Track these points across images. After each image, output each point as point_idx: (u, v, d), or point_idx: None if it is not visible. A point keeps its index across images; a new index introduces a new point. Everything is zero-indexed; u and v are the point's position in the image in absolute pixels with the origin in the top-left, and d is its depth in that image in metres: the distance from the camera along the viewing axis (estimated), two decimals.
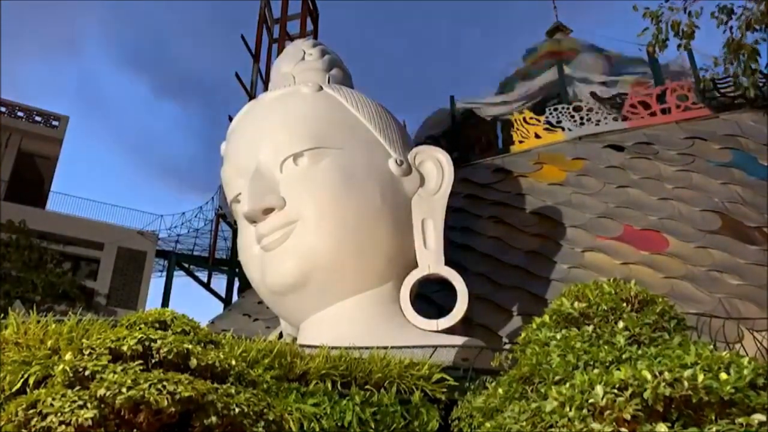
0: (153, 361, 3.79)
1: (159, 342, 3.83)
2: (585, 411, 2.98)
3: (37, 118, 27.87)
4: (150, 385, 3.37)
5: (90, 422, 3.28)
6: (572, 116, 14.09)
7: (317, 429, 5.03)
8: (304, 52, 10.83)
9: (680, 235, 10.52)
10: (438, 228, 9.20)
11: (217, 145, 10.33)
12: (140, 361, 3.70)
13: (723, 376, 3.01)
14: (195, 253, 27.83)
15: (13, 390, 4.07)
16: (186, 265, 27.73)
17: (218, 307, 25.78)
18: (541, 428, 3.19)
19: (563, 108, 14.50)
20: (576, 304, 4.53)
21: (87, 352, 3.78)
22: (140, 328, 4.10)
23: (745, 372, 3.04)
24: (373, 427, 5.41)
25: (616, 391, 3.00)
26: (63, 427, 3.24)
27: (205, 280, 27.47)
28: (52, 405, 3.34)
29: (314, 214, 8.69)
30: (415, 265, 9.03)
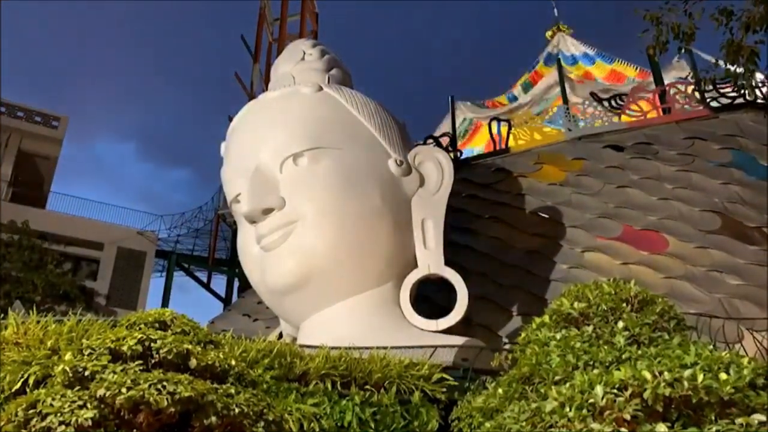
0: (153, 361, 3.79)
1: (159, 342, 3.83)
2: (585, 411, 2.99)
3: (37, 118, 27.86)
4: (150, 386, 3.37)
5: (90, 422, 3.28)
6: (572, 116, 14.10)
7: (317, 429, 5.03)
8: (304, 52, 10.83)
9: (680, 235, 10.51)
10: (438, 228, 9.20)
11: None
12: (140, 362, 3.70)
13: (723, 376, 3.01)
14: (195, 253, 27.85)
15: (13, 390, 4.08)
16: (186, 265, 27.73)
17: (218, 307, 25.81)
18: (541, 428, 3.19)
19: (563, 108, 14.50)
20: (576, 304, 4.53)
21: (87, 353, 3.78)
22: (140, 329, 4.09)
23: (745, 372, 3.05)
24: (373, 427, 5.41)
25: (615, 391, 3.00)
26: (63, 427, 3.24)
27: (205, 280, 27.47)
28: (51, 405, 3.34)
29: (314, 214, 8.69)
30: (415, 266, 9.03)
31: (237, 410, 3.60)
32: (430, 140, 13.84)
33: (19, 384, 4.11)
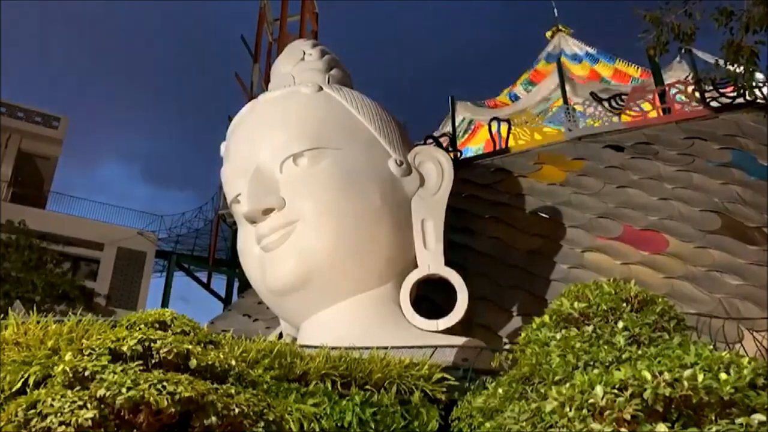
0: (153, 361, 3.79)
1: (159, 342, 3.83)
2: (585, 411, 2.98)
3: (37, 119, 27.86)
4: (150, 386, 3.36)
5: (90, 423, 3.27)
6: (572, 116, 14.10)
7: (317, 429, 5.03)
8: (304, 53, 10.82)
9: (680, 235, 10.51)
10: (438, 228, 9.20)
11: None
12: (140, 362, 3.70)
13: (723, 376, 3.01)
14: (195, 253, 27.82)
15: (13, 390, 4.07)
16: (186, 266, 27.70)
17: (218, 308, 25.80)
18: (541, 428, 3.19)
19: (563, 108, 14.51)
20: (576, 304, 4.53)
21: (87, 353, 3.78)
22: (140, 329, 4.09)
23: (745, 372, 3.04)
24: (373, 427, 5.41)
25: (616, 391, 3.00)
26: (63, 427, 3.24)
27: (205, 280, 27.44)
28: (52, 405, 3.34)
29: (314, 214, 8.69)
30: (415, 266, 9.02)
31: (237, 410, 3.60)
32: (430, 140, 13.85)
33: (19, 384, 4.10)
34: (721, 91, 13.14)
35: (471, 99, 26.85)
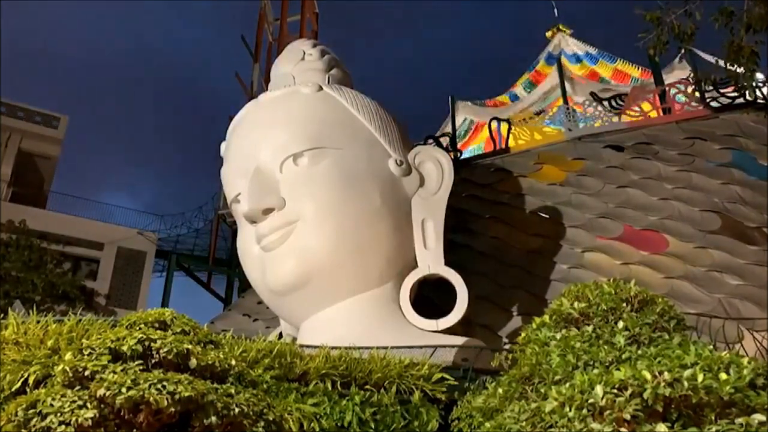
0: (153, 361, 3.80)
1: (159, 342, 3.83)
2: (585, 411, 2.99)
3: (37, 118, 27.86)
4: (150, 385, 3.37)
5: (90, 422, 3.28)
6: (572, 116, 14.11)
7: (317, 429, 5.03)
8: (304, 52, 10.82)
9: (680, 235, 10.51)
10: (438, 228, 9.20)
11: None
12: (140, 361, 3.71)
13: (723, 376, 3.01)
14: (195, 253, 27.83)
15: (13, 390, 4.07)
16: (186, 265, 27.71)
17: (218, 307, 25.81)
18: (541, 428, 3.19)
19: (563, 108, 14.51)
20: (576, 304, 4.53)
21: (87, 352, 3.78)
22: (140, 328, 4.10)
23: (745, 372, 3.05)
24: (373, 427, 5.40)
25: (615, 391, 3.00)
26: (63, 427, 3.25)
27: (205, 280, 27.46)
28: (51, 405, 3.34)
29: (314, 214, 8.69)
30: (415, 266, 9.03)
31: (237, 410, 3.60)
32: (430, 140, 13.84)
33: (19, 384, 4.10)
34: (722, 91, 13.13)
35: (471, 99, 26.87)
